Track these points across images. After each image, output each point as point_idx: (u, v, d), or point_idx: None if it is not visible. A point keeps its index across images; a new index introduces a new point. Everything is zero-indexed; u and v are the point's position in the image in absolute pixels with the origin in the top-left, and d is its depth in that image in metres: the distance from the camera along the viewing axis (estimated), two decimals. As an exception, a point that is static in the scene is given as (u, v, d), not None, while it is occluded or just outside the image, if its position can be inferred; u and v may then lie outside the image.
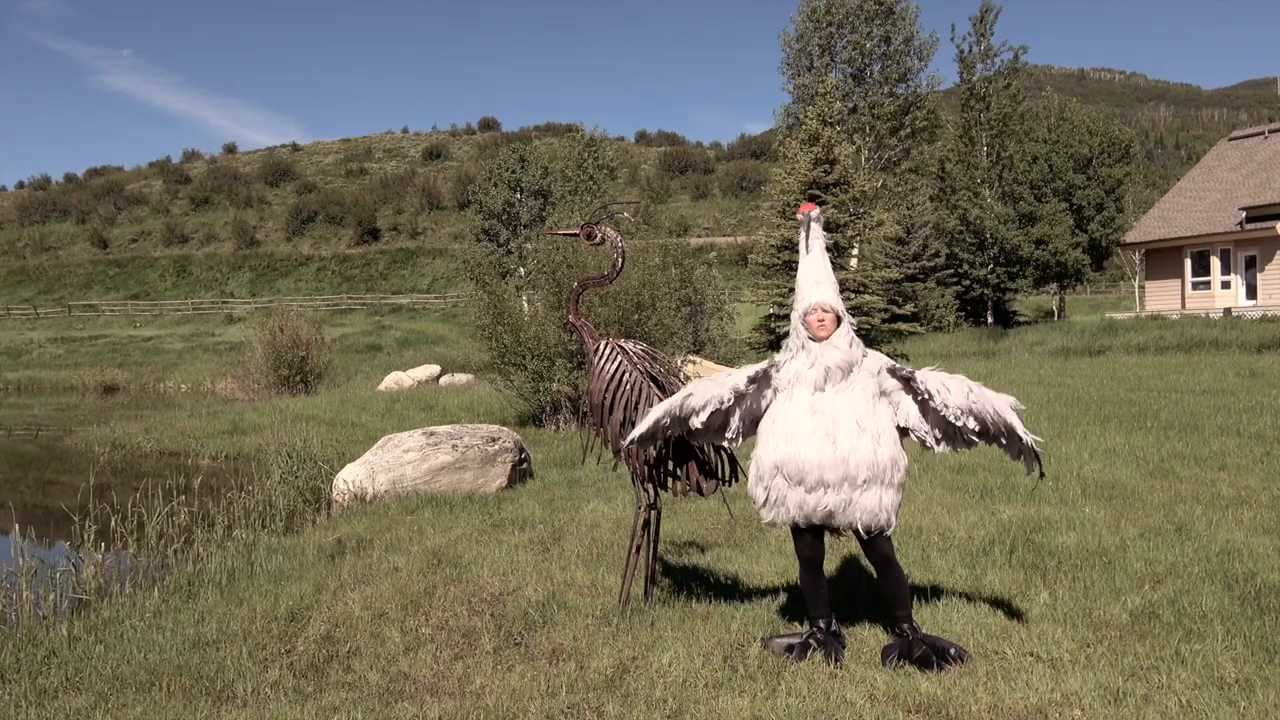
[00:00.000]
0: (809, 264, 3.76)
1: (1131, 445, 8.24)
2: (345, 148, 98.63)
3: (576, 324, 4.60)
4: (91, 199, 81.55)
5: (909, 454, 3.77)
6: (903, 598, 3.72)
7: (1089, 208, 33.63)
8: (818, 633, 3.75)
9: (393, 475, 7.88)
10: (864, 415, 3.57)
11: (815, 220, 3.84)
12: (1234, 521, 5.55)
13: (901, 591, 3.73)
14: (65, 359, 42.11)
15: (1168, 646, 3.66)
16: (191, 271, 64.97)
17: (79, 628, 4.77)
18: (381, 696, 3.61)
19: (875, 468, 3.53)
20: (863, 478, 3.53)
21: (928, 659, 3.56)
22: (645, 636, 3.97)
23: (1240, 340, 21.04)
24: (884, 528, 3.62)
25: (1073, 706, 3.20)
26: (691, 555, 5.38)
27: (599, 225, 4.67)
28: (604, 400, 4.32)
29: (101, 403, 28.19)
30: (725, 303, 20.28)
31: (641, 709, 3.32)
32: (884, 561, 3.72)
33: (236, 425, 15.09)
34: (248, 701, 3.68)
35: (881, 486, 3.55)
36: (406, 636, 4.22)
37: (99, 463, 12.20)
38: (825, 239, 3.84)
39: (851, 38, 31.14)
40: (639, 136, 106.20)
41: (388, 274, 63.30)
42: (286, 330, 22.36)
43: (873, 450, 3.53)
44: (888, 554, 3.70)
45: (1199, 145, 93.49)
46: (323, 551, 5.95)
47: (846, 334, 3.65)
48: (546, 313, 12.67)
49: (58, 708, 3.69)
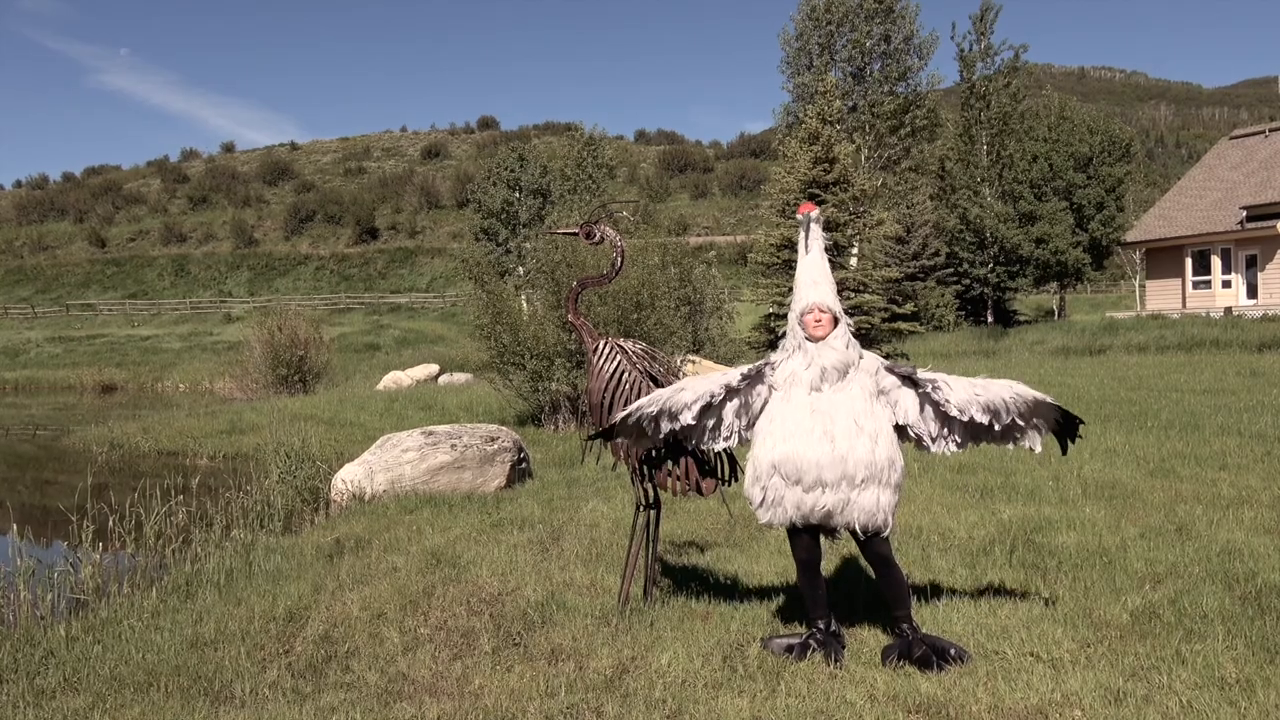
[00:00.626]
0: (807, 264, 3.76)
1: (1132, 445, 8.24)
2: (343, 147, 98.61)
3: (575, 323, 4.59)
4: (89, 198, 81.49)
5: (906, 454, 3.76)
6: (902, 598, 3.71)
7: (1089, 207, 33.63)
8: (817, 633, 3.74)
9: (391, 475, 7.87)
10: (862, 414, 3.56)
11: (815, 220, 3.83)
12: (1235, 521, 5.53)
13: (901, 592, 3.72)
14: (63, 358, 42.06)
15: (1168, 646, 3.65)
16: (190, 271, 64.92)
17: (77, 628, 4.75)
18: (380, 697, 3.60)
19: (873, 467, 3.52)
20: (861, 477, 3.52)
21: (928, 659, 3.55)
22: (644, 637, 3.96)
23: (1241, 340, 21.03)
24: (881, 528, 3.60)
25: (1073, 707, 3.19)
26: (691, 555, 5.37)
27: (598, 224, 4.66)
28: (603, 400, 4.32)
29: (99, 402, 28.16)
30: (724, 302, 20.28)
31: (641, 709, 3.31)
32: (882, 562, 3.71)
33: (235, 425, 15.07)
34: (246, 702, 3.66)
35: (879, 486, 3.54)
36: (405, 637, 4.21)
37: (97, 462, 12.16)
38: (825, 239, 3.84)
39: (851, 36, 31.10)
40: (638, 135, 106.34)
41: (386, 273, 63.27)
42: (285, 330, 22.33)
43: (870, 449, 3.52)
44: (885, 555, 3.69)
45: (1200, 144, 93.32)
46: (321, 551, 5.94)
47: (843, 335, 3.64)
48: (545, 312, 12.65)
49: (55, 708, 3.68)
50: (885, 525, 3.61)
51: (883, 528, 3.61)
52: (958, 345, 27.00)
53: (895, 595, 3.72)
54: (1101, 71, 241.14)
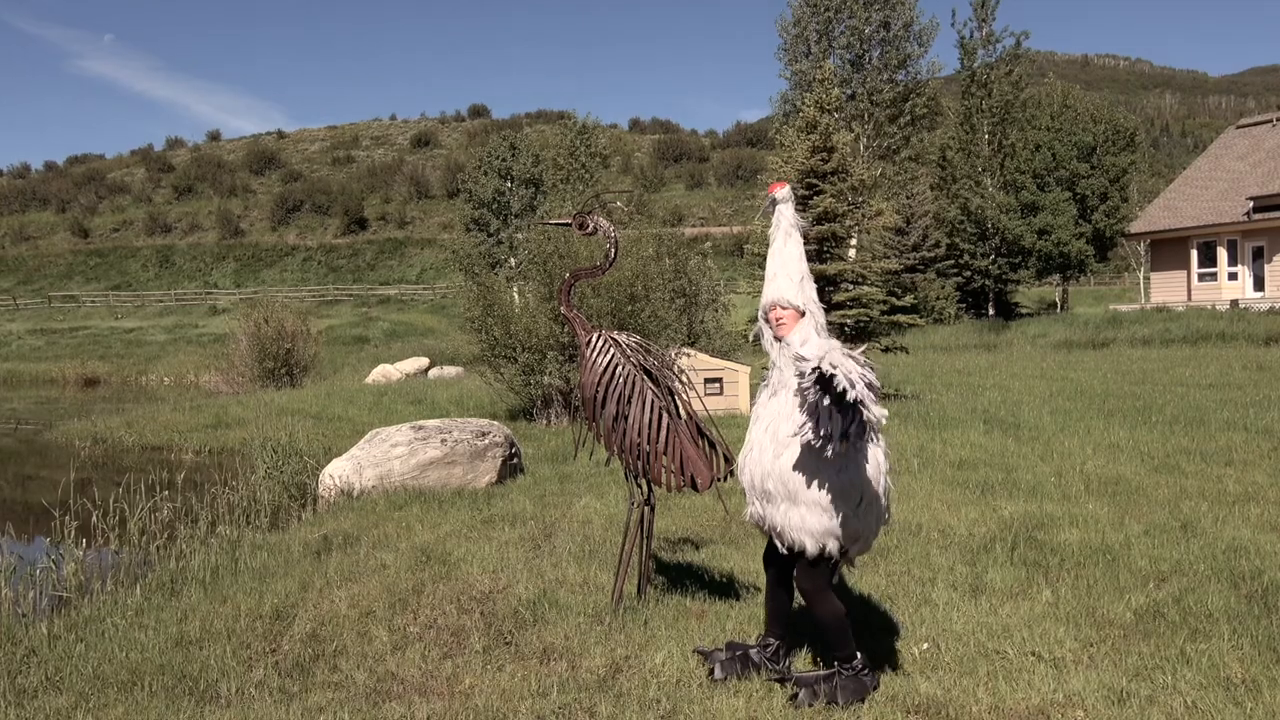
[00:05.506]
0: (770, 255, 3.50)
1: (1136, 440, 8.22)
2: (331, 135, 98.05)
3: (568, 316, 4.54)
4: (72, 187, 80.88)
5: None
6: (831, 641, 3.36)
7: (1093, 197, 33.41)
8: (741, 649, 3.58)
9: (380, 470, 7.78)
10: (781, 420, 3.28)
11: (782, 201, 3.51)
12: (1241, 518, 5.52)
13: (827, 635, 3.36)
14: (45, 351, 41.74)
15: (1173, 646, 3.63)
16: (174, 262, 64.48)
17: (59, 626, 4.68)
18: (369, 696, 3.56)
19: (780, 480, 3.24)
20: (775, 490, 3.28)
21: (803, 702, 3.28)
22: (638, 635, 3.93)
23: (1247, 333, 21.07)
24: (803, 548, 3.26)
25: (1075, 707, 3.17)
26: (686, 552, 5.33)
27: (591, 215, 4.60)
28: (596, 394, 4.26)
29: (82, 396, 27.97)
30: (720, 294, 20.26)
31: (635, 709, 3.28)
32: (802, 594, 3.35)
33: (220, 419, 14.95)
34: (232, 701, 3.61)
35: (789, 503, 3.24)
36: (394, 635, 4.17)
37: (80, 457, 12.06)
38: (800, 223, 3.52)
39: (850, 23, 30.92)
40: (632, 124, 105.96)
41: (375, 264, 62.96)
42: (271, 322, 22.21)
43: (772, 460, 3.28)
44: (804, 587, 3.32)
45: (1205, 133, 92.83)
46: (308, 548, 5.88)
47: (803, 332, 3.36)
48: (538, 304, 12.56)
49: (37, 707, 3.62)
50: (805, 548, 3.25)
51: (805, 549, 3.26)
52: (958, 338, 27.04)
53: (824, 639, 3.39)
54: (1105, 59, 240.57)
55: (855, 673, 3.32)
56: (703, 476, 4.21)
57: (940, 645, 3.71)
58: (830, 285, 12.86)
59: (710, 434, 4.35)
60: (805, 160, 13.29)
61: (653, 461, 4.20)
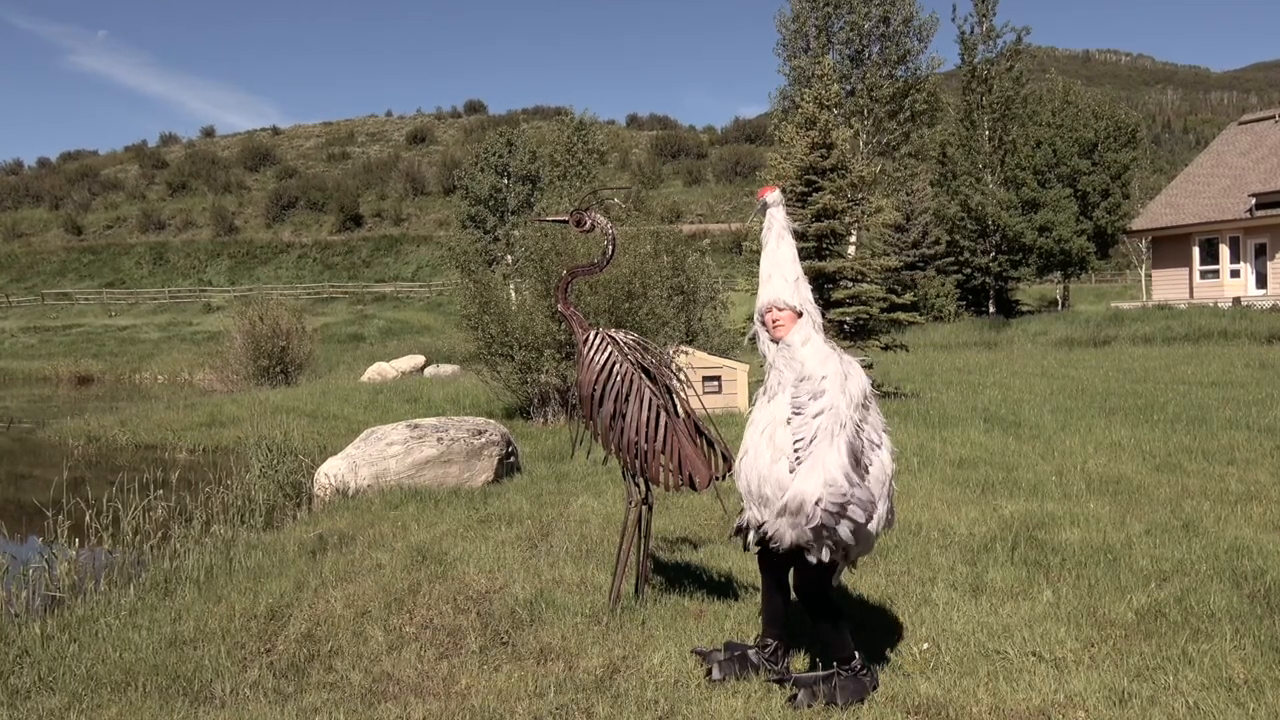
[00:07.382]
0: (764, 257, 3.49)
1: (1137, 439, 8.20)
2: (326, 131, 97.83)
3: (566, 313, 4.51)
4: (65, 184, 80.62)
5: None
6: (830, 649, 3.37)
7: (1094, 194, 33.35)
8: (739, 649, 3.57)
9: (376, 469, 7.75)
10: (777, 427, 3.26)
11: (773, 205, 3.51)
12: (1243, 518, 5.51)
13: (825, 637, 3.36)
14: (38, 349, 41.65)
15: (1174, 646, 3.61)
16: (168, 259, 64.29)
17: (52, 626, 4.65)
18: (364, 697, 3.54)
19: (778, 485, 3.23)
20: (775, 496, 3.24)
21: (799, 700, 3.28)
22: (636, 635, 3.92)
23: (1250, 330, 21.07)
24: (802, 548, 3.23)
25: (1076, 708, 3.15)
26: (684, 552, 5.31)
27: (589, 211, 4.58)
28: (594, 392, 4.23)
29: (76, 394, 27.92)
30: (719, 292, 20.22)
31: (632, 710, 3.26)
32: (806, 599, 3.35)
33: (215, 417, 14.91)
34: (226, 702, 3.59)
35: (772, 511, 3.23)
36: (390, 635, 4.15)
37: (73, 456, 12.02)
38: (790, 225, 3.51)
39: (849, 18, 30.87)
40: (630, 120, 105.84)
41: (371, 261, 62.84)
42: (266, 320, 22.14)
43: (769, 465, 3.26)
44: (811, 591, 3.32)
45: (1208, 129, 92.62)
46: (303, 548, 5.85)
47: (802, 333, 3.33)
48: (534, 302, 12.53)
49: (30, 708, 3.59)
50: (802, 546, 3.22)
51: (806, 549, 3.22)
52: (958, 336, 27.02)
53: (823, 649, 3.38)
54: (1107, 55, 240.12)
55: (854, 673, 3.32)
56: (701, 475, 4.18)
57: (940, 645, 3.70)
58: (829, 282, 12.82)
59: (709, 432, 4.32)
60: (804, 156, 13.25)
61: (650, 460, 4.18)
